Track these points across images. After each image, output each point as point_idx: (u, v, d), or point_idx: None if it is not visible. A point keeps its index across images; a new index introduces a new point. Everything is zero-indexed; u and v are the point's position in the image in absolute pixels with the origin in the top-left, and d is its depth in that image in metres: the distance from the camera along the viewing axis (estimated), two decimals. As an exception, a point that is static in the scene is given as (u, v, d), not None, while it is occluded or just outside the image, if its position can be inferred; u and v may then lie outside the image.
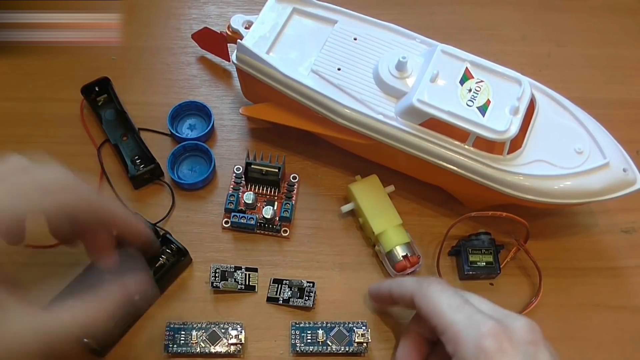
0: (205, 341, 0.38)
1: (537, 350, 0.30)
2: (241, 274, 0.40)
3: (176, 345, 0.38)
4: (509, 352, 0.30)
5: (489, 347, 0.30)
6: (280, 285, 0.40)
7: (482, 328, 0.31)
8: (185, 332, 0.38)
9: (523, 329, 0.31)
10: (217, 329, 0.38)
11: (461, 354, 0.31)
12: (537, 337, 0.31)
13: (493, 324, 0.31)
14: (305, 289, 0.40)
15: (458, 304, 0.33)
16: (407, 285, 0.36)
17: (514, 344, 0.30)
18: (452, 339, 0.31)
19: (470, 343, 0.30)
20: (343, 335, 0.39)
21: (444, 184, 0.43)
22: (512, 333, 0.31)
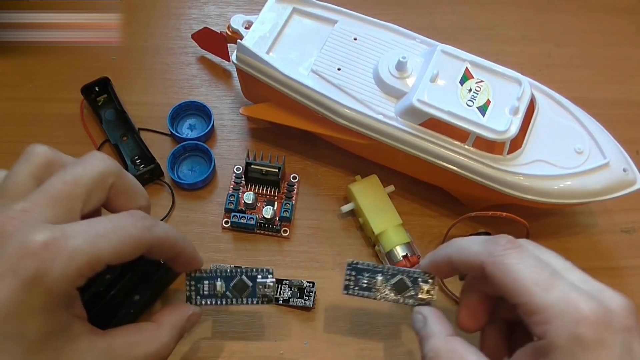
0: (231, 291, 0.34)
1: (632, 339, 0.26)
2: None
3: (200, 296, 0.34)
4: (607, 343, 0.26)
5: (586, 337, 0.26)
6: (280, 285, 0.40)
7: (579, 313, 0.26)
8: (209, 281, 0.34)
9: (622, 312, 0.27)
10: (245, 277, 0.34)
11: (554, 340, 0.26)
12: (633, 322, 0.27)
13: (591, 308, 0.26)
14: (305, 289, 0.40)
15: (546, 279, 0.27)
16: (473, 253, 0.30)
17: (611, 333, 0.26)
18: (543, 322, 0.27)
19: (566, 330, 0.26)
20: (405, 286, 0.33)
21: (444, 184, 0.43)
22: (611, 318, 0.26)
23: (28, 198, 0.27)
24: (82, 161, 0.30)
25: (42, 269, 0.25)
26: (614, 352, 0.26)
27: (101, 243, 0.27)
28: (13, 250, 0.26)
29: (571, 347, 0.26)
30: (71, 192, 0.28)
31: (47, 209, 0.27)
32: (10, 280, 0.25)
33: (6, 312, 0.25)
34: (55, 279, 0.26)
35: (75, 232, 0.27)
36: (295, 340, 0.39)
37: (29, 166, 0.29)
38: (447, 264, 0.32)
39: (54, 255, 0.26)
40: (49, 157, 0.29)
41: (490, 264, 0.28)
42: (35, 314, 0.26)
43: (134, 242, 0.29)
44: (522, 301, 0.27)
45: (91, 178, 0.29)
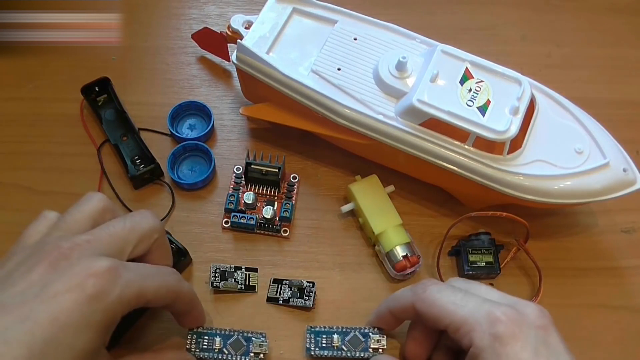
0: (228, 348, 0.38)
1: (548, 334, 0.31)
2: (241, 274, 0.40)
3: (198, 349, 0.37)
4: (521, 337, 0.30)
5: (502, 334, 0.30)
6: (280, 285, 0.40)
7: (493, 316, 0.31)
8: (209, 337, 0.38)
9: (533, 313, 0.32)
10: (241, 337, 0.38)
11: (478, 344, 0.31)
12: (547, 321, 0.32)
13: (504, 309, 0.31)
14: (305, 289, 0.40)
15: (460, 298, 0.33)
16: (403, 298, 0.36)
17: (525, 328, 0.30)
18: (467, 332, 0.31)
19: (485, 332, 0.31)
20: (358, 340, 0.38)
21: (444, 184, 0.43)
22: (523, 318, 0.31)
23: (91, 232, 0.32)
24: (138, 214, 0.34)
25: (104, 289, 0.29)
26: (528, 343, 0.30)
27: (148, 282, 0.32)
28: (80, 270, 0.29)
29: (492, 344, 0.30)
30: (127, 237, 0.33)
31: (106, 245, 0.31)
32: (76, 295, 0.28)
33: (67, 321, 0.28)
34: (113, 301, 0.29)
35: (131, 267, 0.31)
36: (295, 340, 0.39)
37: (89, 208, 0.33)
38: (389, 315, 0.37)
39: (115, 280, 0.30)
40: (106, 204, 0.34)
41: (417, 301, 0.34)
42: (90, 329, 0.29)
43: (169, 289, 0.33)
44: (447, 322, 0.32)
45: (144, 229, 0.34)
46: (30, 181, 0.45)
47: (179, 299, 0.34)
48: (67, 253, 0.30)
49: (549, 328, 0.31)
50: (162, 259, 0.36)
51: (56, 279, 0.29)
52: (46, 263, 0.29)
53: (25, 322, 0.27)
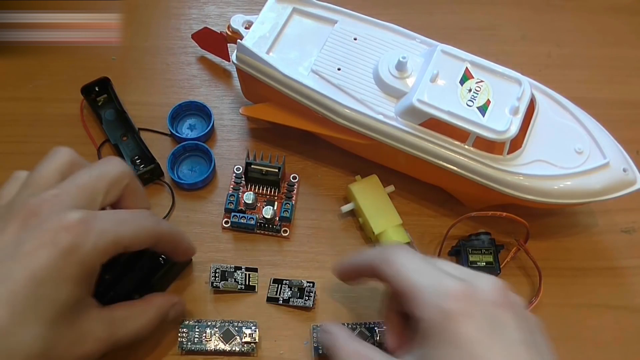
0: (219, 339, 0.38)
1: (500, 311, 0.29)
2: (241, 274, 0.40)
3: (190, 342, 0.38)
4: (470, 313, 0.29)
5: (450, 309, 0.29)
6: (280, 285, 0.40)
7: (446, 290, 0.30)
8: (200, 329, 0.38)
9: (488, 288, 0.30)
10: (231, 328, 0.38)
11: (426, 318, 0.30)
12: (503, 298, 0.30)
13: (457, 285, 0.30)
14: (305, 289, 0.40)
15: (424, 267, 0.32)
16: (370, 254, 0.35)
17: (474, 304, 0.29)
18: (419, 304, 0.30)
19: (432, 304, 0.30)
20: (365, 336, 0.38)
21: (444, 184, 0.43)
22: (475, 293, 0.30)
23: (58, 186, 0.32)
24: (104, 162, 0.34)
25: (77, 241, 0.29)
26: (477, 321, 0.29)
27: (123, 227, 0.32)
28: (51, 225, 0.29)
29: (440, 320, 0.29)
30: (95, 186, 0.33)
31: (75, 197, 0.31)
32: (50, 250, 0.29)
33: (44, 277, 0.28)
34: (88, 252, 0.30)
35: (103, 216, 0.31)
36: (295, 340, 0.39)
37: (56, 163, 0.33)
38: (351, 269, 0.37)
39: (87, 231, 0.30)
40: (73, 157, 0.34)
41: (381, 260, 0.33)
42: (68, 281, 0.29)
43: (147, 232, 0.33)
44: (403, 286, 0.31)
45: (112, 176, 0.33)
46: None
47: (161, 240, 0.35)
48: (36, 210, 0.30)
49: (503, 304, 0.30)
50: (137, 203, 0.35)
51: (28, 237, 0.29)
52: (17, 222, 0.30)
53: (4, 282, 0.28)
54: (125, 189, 0.34)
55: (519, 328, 0.29)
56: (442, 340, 0.29)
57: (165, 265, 0.40)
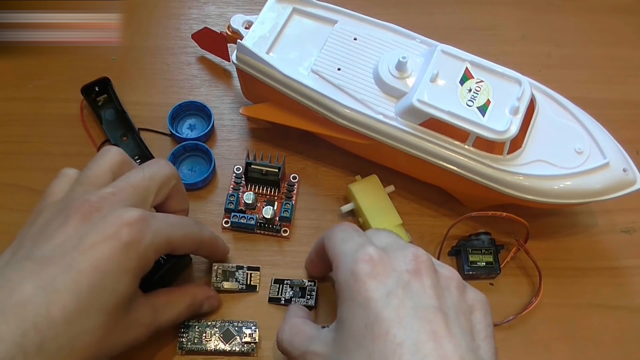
0: (219, 339, 0.38)
1: (414, 278, 0.29)
2: (242, 273, 0.41)
3: (190, 342, 0.38)
4: (379, 276, 0.29)
5: (360, 271, 0.29)
6: (282, 285, 0.40)
7: (359, 254, 0.30)
8: (200, 329, 0.38)
9: (405, 257, 0.30)
10: (231, 328, 0.39)
11: (338, 279, 0.31)
12: (419, 266, 0.30)
13: (372, 251, 0.30)
14: (307, 288, 0.40)
15: (350, 237, 0.33)
16: (320, 237, 0.36)
17: (387, 269, 0.29)
18: (337, 269, 0.31)
19: (347, 269, 0.30)
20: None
21: (444, 184, 0.43)
22: (391, 260, 0.30)
23: (113, 185, 0.33)
24: (154, 163, 0.36)
25: (137, 236, 0.31)
26: (384, 284, 0.29)
27: (175, 230, 0.34)
28: (113, 220, 0.31)
29: (348, 281, 0.30)
30: (148, 186, 0.34)
31: (130, 195, 0.33)
32: (112, 243, 0.30)
33: (107, 268, 0.30)
34: (146, 247, 0.31)
35: (158, 216, 0.33)
36: (295, 340, 0.39)
37: (107, 162, 0.35)
38: (314, 255, 0.39)
39: (146, 227, 0.32)
40: (123, 157, 0.35)
41: (325, 236, 0.35)
42: (128, 273, 0.31)
43: (193, 238, 0.36)
44: (329, 254, 0.33)
45: (163, 176, 0.35)
46: (30, 181, 0.45)
47: (202, 246, 0.37)
48: (97, 205, 0.31)
49: (419, 272, 0.30)
50: (181, 204, 0.38)
51: (91, 230, 0.30)
52: (79, 216, 0.31)
53: (70, 272, 0.29)
54: (172, 190, 0.36)
55: (435, 296, 0.29)
56: (352, 301, 0.29)
57: (165, 264, 0.40)
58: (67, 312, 0.28)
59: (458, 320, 0.29)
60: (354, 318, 0.29)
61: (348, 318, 0.29)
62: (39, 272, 0.29)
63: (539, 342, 0.40)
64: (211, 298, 0.39)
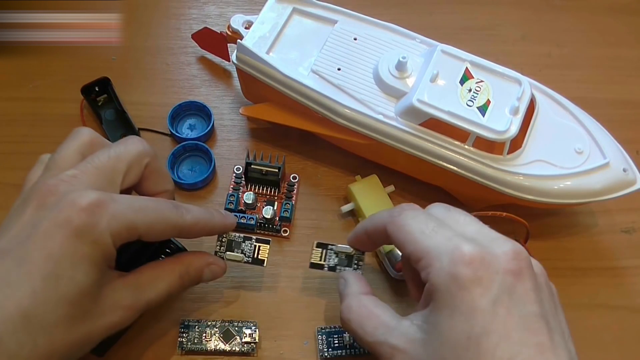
0: (219, 339, 0.38)
1: (518, 281, 0.27)
2: (250, 244, 0.38)
3: (190, 342, 0.38)
4: (484, 282, 0.27)
5: (462, 275, 0.27)
6: (325, 250, 0.38)
7: (457, 253, 0.28)
8: (200, 329, 0.38)
9: (505, 256, 0.28)
10: (231, 328, 0.38)
11: (433, 281, 0.28)
12: (521, 266, 0.28)
13: (470, 249, 0.28)
14: (355, 256, 0.38)
15: (432, 228, 0.30)
16: (379, 218, 0.33)
17: (490, 272, 0.27)
18: (426, 266, 0.29)
19: (444, 270, 0.28)
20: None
21: (444, 184, 0.43)
22: (492, 260, 0.28)
23: (77, 167, 0.31)
24: (123, 141, 0.34)
25: (91, 222, 0.29)
26: (490, 290, 0.27)
27: (140, 214, 0.31)
28: (66, 205, 0.29)
29: (448, 285, 0.27)
30: (114, 166, 0.32)
31: (93, 177, 0.31)
32: (65, 230, 0.29)
33: (60, 256, 0.28)
34: (101, 233, 0.29)
35: (119, 199, 0.31)
36: (295, 340, 0.39)
37: (76, 143, 0.33)
38: (364, 236, 0.35)
39: (101, 212, 0.29)
40: (93, 137, 0.33)
41: (389, 223, 0.32)
42: (84, 261, 0.29)
43: (167, 223, 0.32)
44: (410, 249, 0.30)
45: (131, 155, 0.33)
46: (30, 181, 0.45)
47: (183, 232, 0.34)
48: (53, 189, 0.30)
49: (521, 274, 0.28)
50: (160, 184, 0.35)
51: (44, 216, 0.29)
52: (35, 203, 0.30)
53: (23, 264, 0.28)
54: (146, 170, 0.34)
55: (538, 301, 0.27)
56: (453, 309, 0.27)
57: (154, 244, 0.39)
58: (23, 307, 0.27)
59: (557, 326, 0.28)
60: (454, 327, 0.27)
61: (447, 326, 0.27)
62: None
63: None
64: (212, 264, 0.36)
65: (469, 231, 0.30)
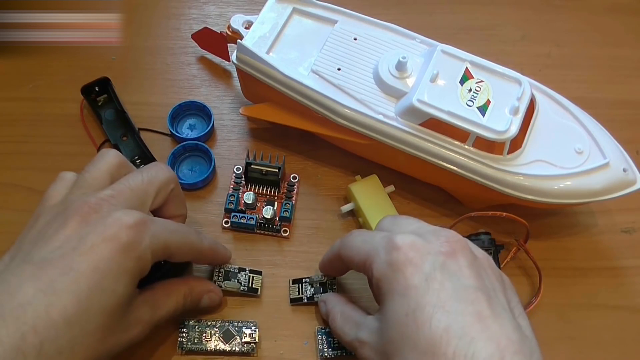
0: (219, 339, 0.38)
1: (450, 259, 0.29)
2: (245, 275, 0.40)
3: (190, 342, 0.38)
4: (415, 261, 0.29)
5: (395, 259, 0.29)
6: (301, 285, 0.40)
7: (390, 244, 0.30)
8: (200, 329, 0.38)
9: (438, 240, 0.30)
10: (231, 328, 0.38)
11: (376, 274, 0.31)
12: (454, 248, 0.30)
13: (401, 238, 0.30)
14: (328, 282, 0.40)
15: (371, 235, 0.33)
16: (333, 247, 0.37)
17: (422, 253, 0.30)
18: (370, 265, 0.31)
19: (382, 261, 0.30)
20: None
21: (444, 184, 0.43)
22: (423, 245, 0.30)
23: (112, 187, 0.33)
24: (153, 167, 0.36)
25: (136, 239, 0.31)
26: (421, 268, 0.29)
27: (173, 236, 0.34)
28: (112, 222, 0.31)
29: (386, 272, 0.30)
30: (146, 189, 0.34)
31: (128, 198, 0.33)
32: (112, 244, 0.30)
33: (106, 269, 0.30)
34: (144, 249, 0.31)
35: (157, 221, 0.33)
36: (295, 340, 0.39)
37: (105, 165, 0.35)
38: (328, 262, 0.39)
39: (144, 230, 0.31)
40: (121, 160, 0.36)
41: (340, 248, 0.35)
42: (126, 275, 0.31)
43: (191, 246, 0.36)
44: (357, 260, 0.33)
45: (161, 181, 0.35)
46: (30, 181, 0.45)
47: (201, 255, 0.37)
48: (96, 208, 0.32)
49: (455, 254, 0.30)
50: (179, 209, 0.38)
51: (91, 231, 0.31)
52: (78, 218, 0.31)
53: (69, 273, 0.29)
54: (170, 194, 0.36)
55: (474, 276, 0.29)
56: (392, 293, 0.29)
57: (165, 265, 0.40)
58: (67, 314, 0.28)
59: (498, 299, 0.29)
60: (395, 308, 0.29)
61: (389, 309, 0.29)
62: (39, 275, 0.29)
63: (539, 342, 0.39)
64: (211, 292, 0.39)
65: (409, 229, 0.33)
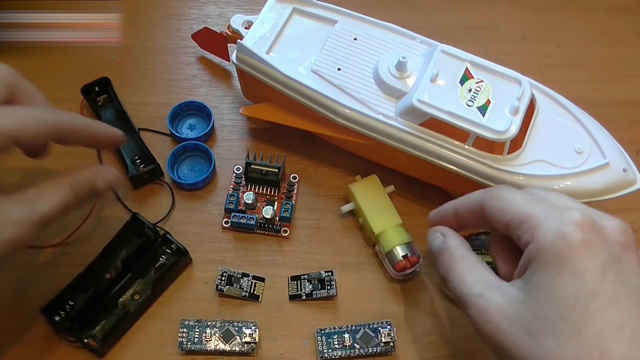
0: (219, 339, 0.38)
1: (625, 253, 0.27)
2: (247, 281, 0.40)
3: (190, 342, 0.38)
4: (594, 246, 0.27)
5: (572, 235, 0.27)
6: (299, 281, 0.40)
7: (567, 215, 0.27)
8: (200, 329, 0.38)
9: (614, 228, 0.28)
10: (231, 328, 0.38)
11: (540, 240, 0.28)
12: (628, 240, 0.28)
13: (581, 214, 0.27)
14: (326, 279, 0.40)
15: (537, 198, 0.30)
16: (474, 196, 0.33)
17: (600, 239, 0.27)
18: (530, 227, 0.28)
19: (553, 229, 0.27)
20: (369, 336, 0.39)
21: (444, 184, 0.43)
22: (602, 228, 0.28)
23: None
24: None
25: None
26: (599, 255, 0.26)
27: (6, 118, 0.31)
28: None
29: (556, 244, 0.27)
30: None
31: None
32: None
33: None
34: None
35: None
36: (295, 340, 0.39)
37: None
38: (452, 214, 0.35)
39: None
40: None
41: (487, 197, 0.32)
42: None
43: (38, 121, 0.32)
44: (512, 215, 0.30)
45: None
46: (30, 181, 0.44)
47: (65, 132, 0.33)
48: None
49: (628, 247, 0.28)
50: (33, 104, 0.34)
51: None
52: None
53: None
54: (10, 89, 0.33)
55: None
56: (560, 268, 0.27)
57: (165, 265, 0.40)
58: None
59: None
60: (561, 286, 0.26)
61: (553, 285, 0.27)
62: None
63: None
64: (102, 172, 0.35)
65: (574, 205, 0.30)
